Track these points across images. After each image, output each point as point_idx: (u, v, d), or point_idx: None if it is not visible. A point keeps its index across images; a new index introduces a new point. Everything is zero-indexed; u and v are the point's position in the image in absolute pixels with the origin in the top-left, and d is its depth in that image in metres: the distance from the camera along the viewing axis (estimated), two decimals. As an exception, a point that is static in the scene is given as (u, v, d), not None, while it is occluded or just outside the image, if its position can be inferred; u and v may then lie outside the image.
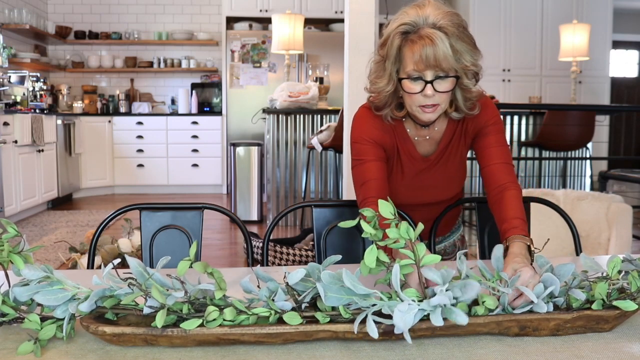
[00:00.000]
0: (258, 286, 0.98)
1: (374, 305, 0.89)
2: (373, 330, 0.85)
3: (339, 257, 0.99)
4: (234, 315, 0.89)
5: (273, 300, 0.93)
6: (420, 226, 0.95)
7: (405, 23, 1.34)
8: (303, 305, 0.94)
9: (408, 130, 1.53)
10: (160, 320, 0.85)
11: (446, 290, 0.90)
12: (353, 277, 0.89)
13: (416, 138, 1.54)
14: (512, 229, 1.31)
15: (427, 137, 1.53)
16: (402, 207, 1.63)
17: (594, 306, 0.96)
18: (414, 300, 0.89)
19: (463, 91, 1.42)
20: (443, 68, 1.33)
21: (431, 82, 1.34)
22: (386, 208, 0.93)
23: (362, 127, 1.51)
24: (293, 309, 0.92)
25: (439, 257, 0.92)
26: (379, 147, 1.50)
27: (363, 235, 0.96)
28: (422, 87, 1.35)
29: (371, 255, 0.92)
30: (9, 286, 0.95)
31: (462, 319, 0.88)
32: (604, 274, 1.03)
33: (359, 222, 0.96)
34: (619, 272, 1.02)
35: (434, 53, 1.31)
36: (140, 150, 7.09)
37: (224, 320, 0.88)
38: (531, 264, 1.17)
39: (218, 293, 0.89)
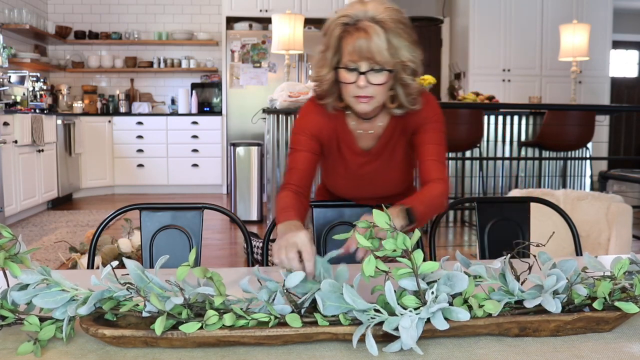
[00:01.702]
0: (259, 280, 0.98)
1: (372, 318, 0.88)
2: (373, 348, 0.85)
3: (341, 250, 0.99)
4: (234, 321, 0.89)
5: (274, 299, 0.93)
6: (417, 233, 0.95)
7: (346, 15, 1.39)
8: (303, 310, 0.94)
9: (352, 123, 1.55)
10: (159, 328, 0.85)
11: (435, 293, 0.90)
12: (353, 292, 0.89)
13: (358, 131, 1.56)
14: (403, 203, 1.34)
15: (370, 132, 1.56)
16: (349, 201, 1.68)
17: (595, 305, 0.95)
18: (411, 310, 0.88)
19: (403, 87, 1.44)
20: (377, 61, 1.36)
21: (364, 73, 1.37)
22: (382, 218, 0.92)
23: (303, 119, 1.57)
24: (293, 312, 0.92)
25: (437, 264, 0.92)
26: (314, 140, 1.55)
27: (359, 246, 0.96)
28: (356, 78, 1.39)
29: (370, 265, 0.92)
30: (8, 285, 0.94)
31: (463, 315, 0.88)
32: (607, 274, 1.03)
33: (353, 232, 0.96)
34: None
35: (367, 45, 1.34)
36: (140, 150, 7.09)
37: (224, 325, 0.88)
38: (406, 226, 1.25)
39: (218, 299, 0.89)
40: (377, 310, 0.89)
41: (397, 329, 0.87)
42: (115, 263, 1.01)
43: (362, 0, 1.41)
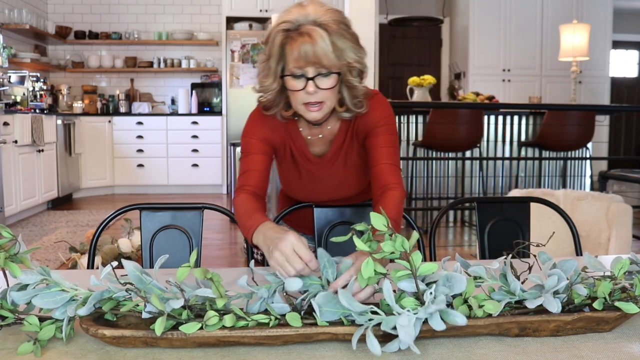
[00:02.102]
0: (254, 279, 0.98)
1: (371, 320, 0.88)
2: (375, 347, 0.85)
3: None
4: (234, 322, 0.89)
5: (274, 293, 0.93)
6: (415, 235, 0.95)
7: (286, 21, 1.35)
8: (302, 311, 0.94)
9: (301, 129, 1.53)
10: (159, 328, 0.85)
11: (434, 294, 0.90)
12: (348, 296, 0.89)
13: (309, 137, 1.54)
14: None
15: (320, 136, 1.53)
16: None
17: (595, 304, 0.95)
18: (409, 310, 0.88)
19: (349, 89, 1.42)
20: (324, 65, 1.33)
21: (312, 78, 1.34)
22: (379, 220, 0.92)
23: (253, 125, 1.53)
24: (292, 311, 0.92)
25: (436, 265, 0.92)
26: (265, 143, 1.51)
27: (357, 249, 0.96)
28: (304, 84, 1.35)
29: (368, 268, 0.92)
30: (8, 285, 0.95)
31: (460, 319, 0.88)
32: (607, 274, 1.03)
33: (352, 235, 0.95)
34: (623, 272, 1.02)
35: (313, 49, 1.31)
36: (140, 150, 7.09)
37: (224, 326, 0.88)
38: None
39: (220, 301, 0.89)
40: (374, 312, 0.89)
41: (395, 328, 0.87)
42: (115, 263, 1.01)
43: (300, 3, 1.37)
